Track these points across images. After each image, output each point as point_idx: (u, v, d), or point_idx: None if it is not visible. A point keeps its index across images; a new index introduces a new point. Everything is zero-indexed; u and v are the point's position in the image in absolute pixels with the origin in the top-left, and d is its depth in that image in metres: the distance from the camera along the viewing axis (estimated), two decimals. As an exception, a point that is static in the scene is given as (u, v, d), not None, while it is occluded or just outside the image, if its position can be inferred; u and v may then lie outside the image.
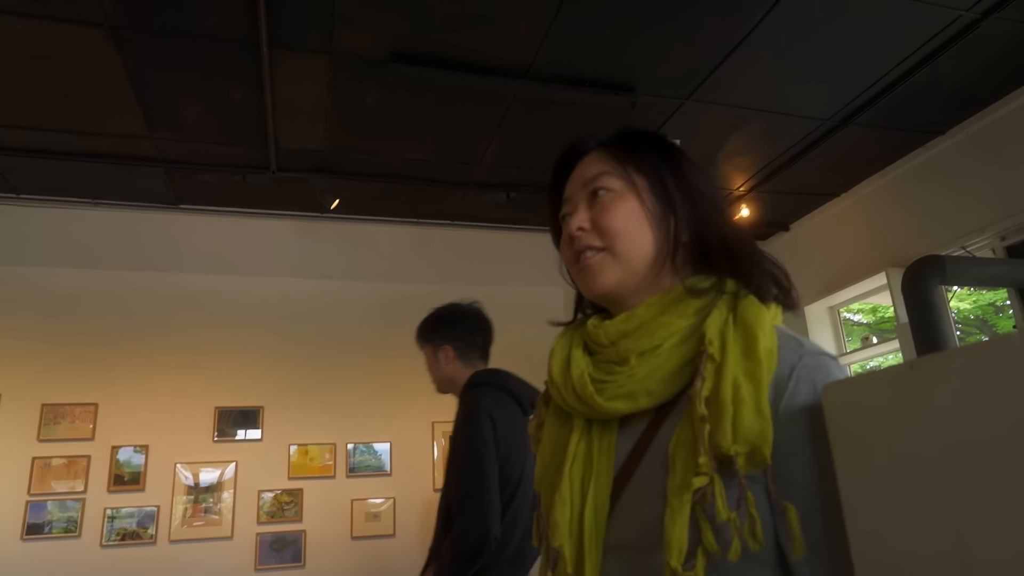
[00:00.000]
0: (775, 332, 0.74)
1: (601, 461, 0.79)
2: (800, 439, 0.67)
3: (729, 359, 0.71)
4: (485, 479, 2.00)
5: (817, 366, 0.71)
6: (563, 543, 0.78)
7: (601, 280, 0.84)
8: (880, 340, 4.13)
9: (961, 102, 3.25)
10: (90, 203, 3.94)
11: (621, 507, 0.76)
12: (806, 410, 0.68)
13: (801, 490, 0.66)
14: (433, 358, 2.41)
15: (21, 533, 3.85)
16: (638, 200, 0.85)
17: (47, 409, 4.06)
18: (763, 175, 3.89)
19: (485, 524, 1.93)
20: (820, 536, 0.65)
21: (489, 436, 2.08)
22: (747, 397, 0.68)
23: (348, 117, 3.23)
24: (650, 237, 0.83)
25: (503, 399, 2.26)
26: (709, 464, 0.68)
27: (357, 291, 4.80)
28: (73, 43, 2.64)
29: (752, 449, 0.67)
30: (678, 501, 0.68)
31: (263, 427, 4.39)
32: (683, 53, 2.83)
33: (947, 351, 0.50)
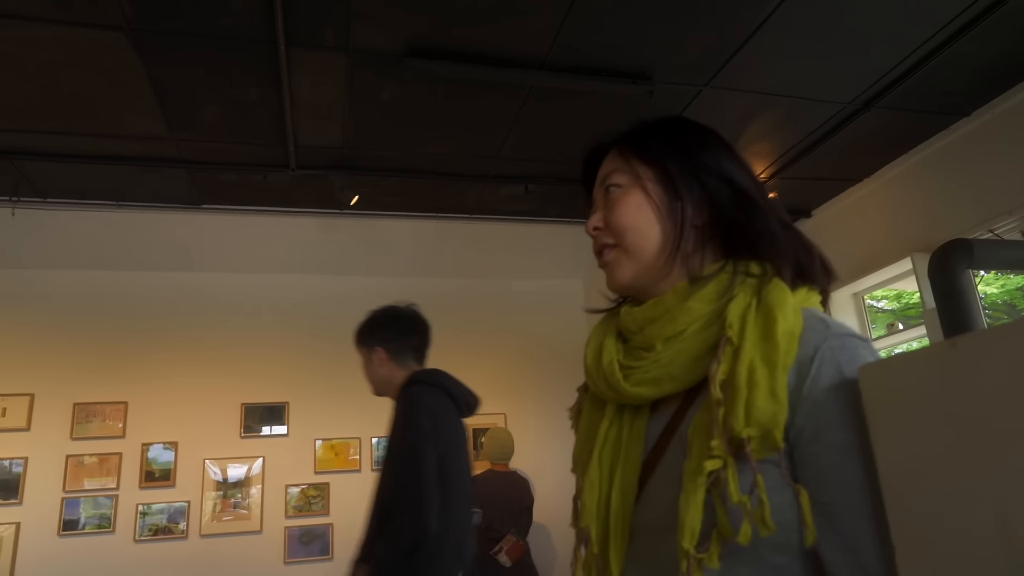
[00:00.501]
0: (799, 314, 0.72)
1: (630, 446, 0.80)
2: (825, 423, 0.66)
3: (747, 342, 0.70)
4: (424, 475, 2.00)
5: (843, 347, 0.69)
6: (590, 524, 0.80)
7: (618, 276, 0.86)
8: (906, 327, 4.08)
9: (986, 82, 3.19)
10: (114, 205, 4.00)
11: (648, 491, 0.77)
12: (830, 392, 0.67)
13: (825, 475, 0.66)
14: (367, 360, 2.41)
15: (58, 530, 3.94)
16: (643, 192, 0.85)
17: (79, 408, 4.15)
18: (784, 161, 3.84)
19: (424, 520, 1.92)
20: (847, 524, 0.64)
21: (428, 432, 2.08)
22: (761, 380, 0.68)
23: (365, 113, 3.24)
24: (657, 228, 0.83)
25: (441, 398, 2.26)
26: (722, 447, 0.67)
27: (378, 286, 4.82)
28: (94, 47, 2.68)
29: (764, 433, 0.67)
30: (692, 484, 0.69)
31: (289, 422, 4.45)
32: (701, 39, 2.80)
33: (988, 329, 0.49)
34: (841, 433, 0.65)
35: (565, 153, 3.73)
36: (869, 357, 0.69)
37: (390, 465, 2.11)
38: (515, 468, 4.25)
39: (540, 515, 4.35)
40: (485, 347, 4.92)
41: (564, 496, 4.47)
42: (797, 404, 0.68)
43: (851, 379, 0.66)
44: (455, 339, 4.89)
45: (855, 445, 0.64)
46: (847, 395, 0.66)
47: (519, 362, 4.93)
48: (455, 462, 2.14)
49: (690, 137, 0.89)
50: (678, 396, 0.79)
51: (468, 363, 4.88)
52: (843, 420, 0.65)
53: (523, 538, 3.94)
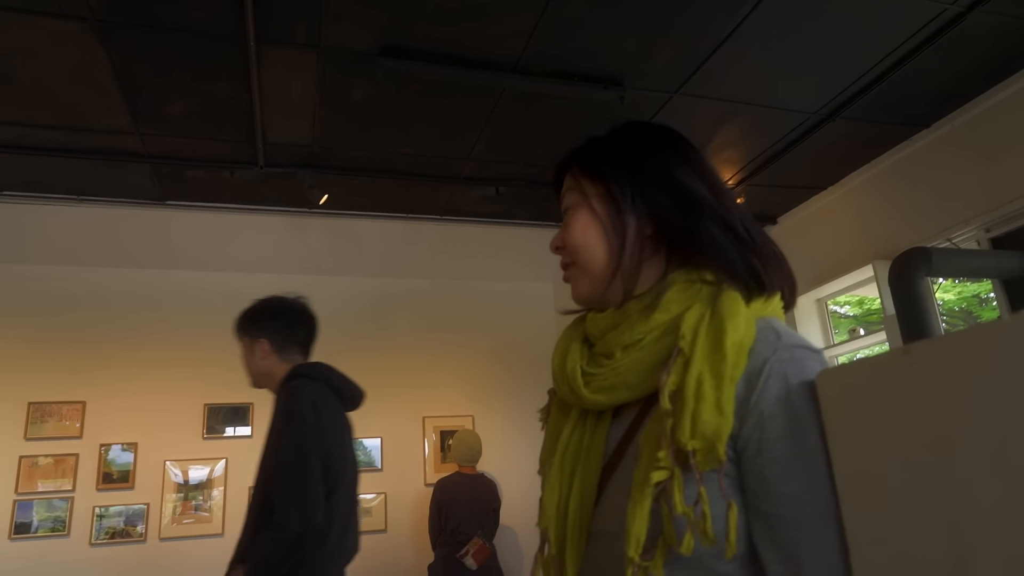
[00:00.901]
0: (752, 325, 0.73)
1: (590, 451, 0.81)
2: (770, 434, 0.67)
3: (697, 354, 0.71)
4: (308, 470, 1.93)
5: (792, 359, 0.69)
6: (549, 526, 0.81)
7: (576, 292, 0.89)
8: (867, 332, 4.17)
9: (947, 95, 3.28)
10: (75, 200, 3.90)
11: (605, 496, 0.78)
12: (777, 404, 0.67)
13: (768, 486, 0.66)
14: (249, 351, 2.28)
15: (9, 533, 3.82)
16: (590, 210, 0.86)
17: (34, 408, 4.04)
18: (751, 168, 3.91)
19: (308, 515, 1.87)
20: (788, 535, 0.64)
21: (312, 427, 2.01)
22: (708, 393, 0.68)
23: (336, 112, 3.22)
24: (604, 244, 0.84)
25: (325, 392, 2.18)
26: (668, 458, 0.68)
27: (346, 287, 4.79)
28: (56, 37, 2.61)
29: (708, 446, 0.67)
30: (640, 493, 0.70)
31: (253, 424, 4.38)
32: (672, 47, 2.84)
33: (940, 336, 0.51)
34: (786, 445, 0.66)
35: (537, 156, 3.74)
36: (819, 369, 0.69)
37: (271, 460, 2.01)
38: (483, 471, 4.25)
39: (507, 518, 4.35)
40: (454, 349, 4.91)
41: (532, 499, 4.45)
42: (745, 415, 0.68)
43: (798, 391, 0.66)
44: (423, 340, 4.88)
45: (799, 457, 0.65)
46: (793, 407, 0.66)
47: (488, 364, 4.93)
48: (339, 456, 2.07)
49: (636, 147, 0.89)
50: (639, 403, 0.79)
51: (437, 365, 4.88)
52: (788, 432, 0.66)
53: (490, 541, 3.94)
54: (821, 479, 0.63)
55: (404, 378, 4.75)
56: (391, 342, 4.79)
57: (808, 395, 0.66)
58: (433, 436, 4.69)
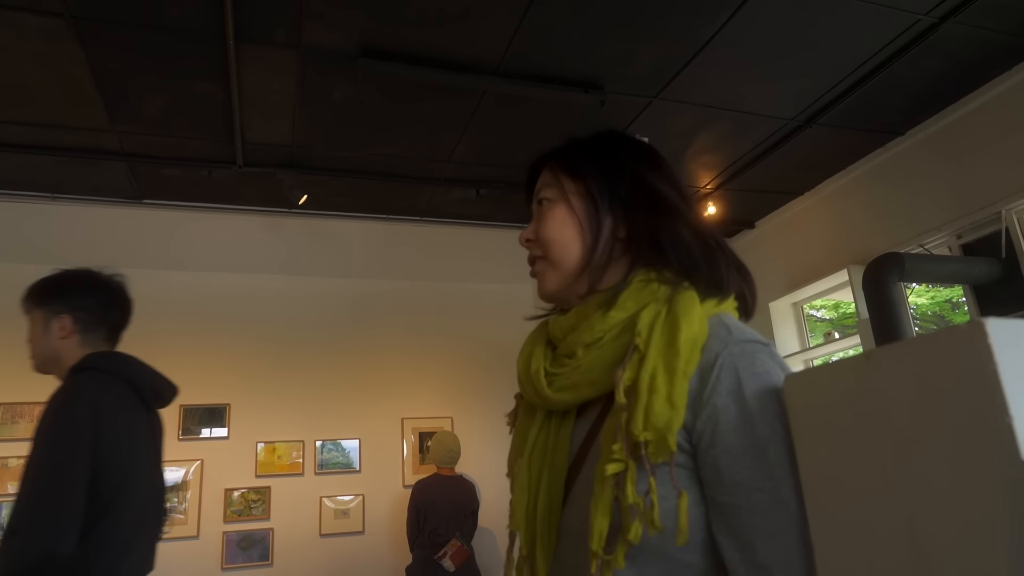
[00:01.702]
0: (705, 322, 0.75)
1: (556, 451, 0.83)
2: (722, 426, 0.69)
3: (652, 350, 0.73)
4: (61, 486, 1.56)
5: (743, 353, 0.72)
6: (519, 528, 0.83)
7: (543, 286, 0.91)
8: (842, 335, 4.23)
9: (920, 104, 3.35)
10: (49, 197, 3.84)
11: (573, 494, 0.79)
12: (729, 397, 0.69)
13: (722, 476, 0.68)
14: (43, 327, 1.85)
15: (-22, 536, 3.74)
16: (567, 207, 0.89)
17: (6, 408, 3.97)
18: (729, 173, 3.95)
19: (47, 542, 1.50)
20: (742, 522, 0.67)
21: (85, 431, 1.62)
22: (661, 387, 0.70)
23: (316, 112, 3.20)
24: (579, 241, 0.87)
25: (119, 389, 1.83)
26: (622, 451, 0.70)
27: (325, 288, 4.77)
28: (31, 33, 2.58)
29: (659, 437, 0.69)
30: (600, 487, 0.72)
31: (230, 425, 4.34)
32: (651, 52, 2.86)
33: (900, 342, 0.52)
34: (737, 436, 0.68)
35: (517, 159, 3.75)
36: (769, 362, 0.72)
37: (26, 469, 1.60)
38: (461, 472, 4.24)
39: (485, 519, 4.35)
40: (433, 350, 4.90)
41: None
42: (699, 409, 0.71)
43: (749, 383, 0.69)
44: (403, 342, 4.87)
45: (751, 447, 0.67)
46: (744, 399, 0.69)
47: (467, 366, 4.93)
48: (124, 468, 1.70)
49: (616, 151, 0.92)
50: (601, 401, 0.81)
51: (416, 366, 4.87)
52: (740, 424, 0.68)
53: (468, 542, 3.94)
54: (772, 468, 0.66)
55: (383, 379, 4.74)
56: (370, 343, 4.78)
57: (758, 387, 0.69)
58: (412, 438, 4.69)
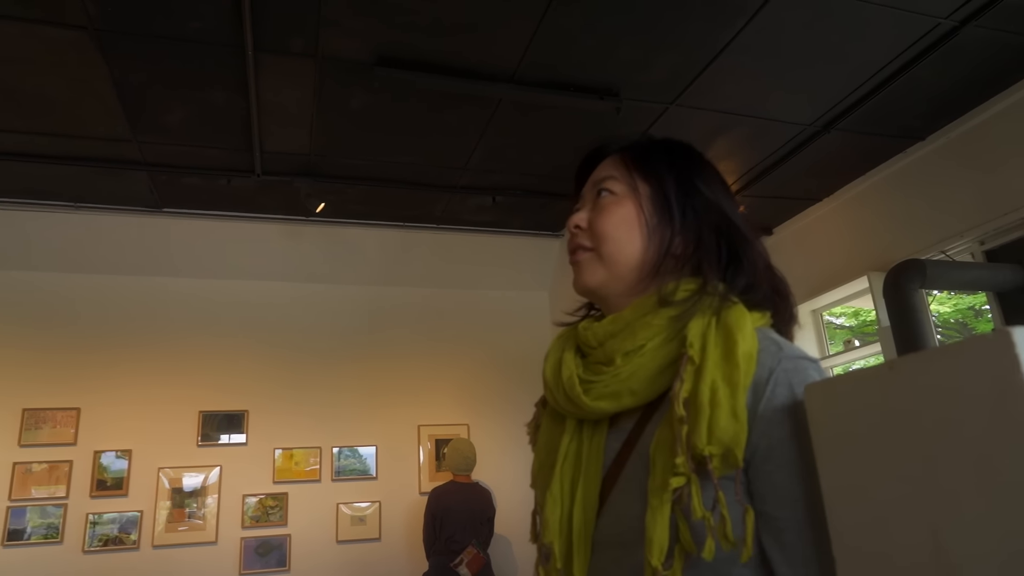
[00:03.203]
0: (756, 336, 0.75)
1: (590, 461, 0.81)
2: (777, 442, 0.69)
3: (709, 362, 0.72)
4: None
5: (796, 369, 0.72)
6: (553, 540, 0.81)
7: (585, 279, 0.87)
8: (862, 343, 4.18)
9: (941, 108, 3.31)
10: (72, 207, 3.91)
11: (609, 505, 0.78)
12: (783, 412, 0.70)
13: (776, 491, 0.68)
14: None
15: (2, 539, 3.81)
16: (636, 207, 0.86)
17: (28, 414, 4.03)
18: (746, 180, 3.92)
19: None
20: (793, 538, 0.66)
21: None
22: (724, 400, 0.70)
23: (333, 121, 3.23)
24: (640, 245, 0.84)
25: None
26: (686, 464, 0.69)
27: (342, 295, 4.80)
28: (56, 46, 2.62)
29: (726, 451, 0.69)
30: (658, 500, 0.70)
31: (248, 431, 4.37)
32: (668, 58, 2.86)
33: (925, 351, 0.51)
34: (792, 452, 0.68)
35: (533, 166, 3.75)
36: (818, 378, 0.72)
37: None
38: (477, 479, 4.24)
39: (501, 527, 4.34)
40: (450, 357, 4.91)
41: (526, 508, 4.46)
42: (753, 423, 0.70)
43: (802, 400, 0.68)
44: (420, 349, 4.88)
45: (804, 463, 0.67)
46: (798, 415, 0.68)
47: (484, 373, 4.93)
48: None
49: (691, 163, 0.90)
50: (637, 410, 0.80)
51: (432, 373, 4.88)
52: (794, 439, 0.68)
53: (484, 550, 3.93)
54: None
55: (400, 386, 4.75)
56: (387, 350, 4.79)
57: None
58: (428, 444, 4.69)
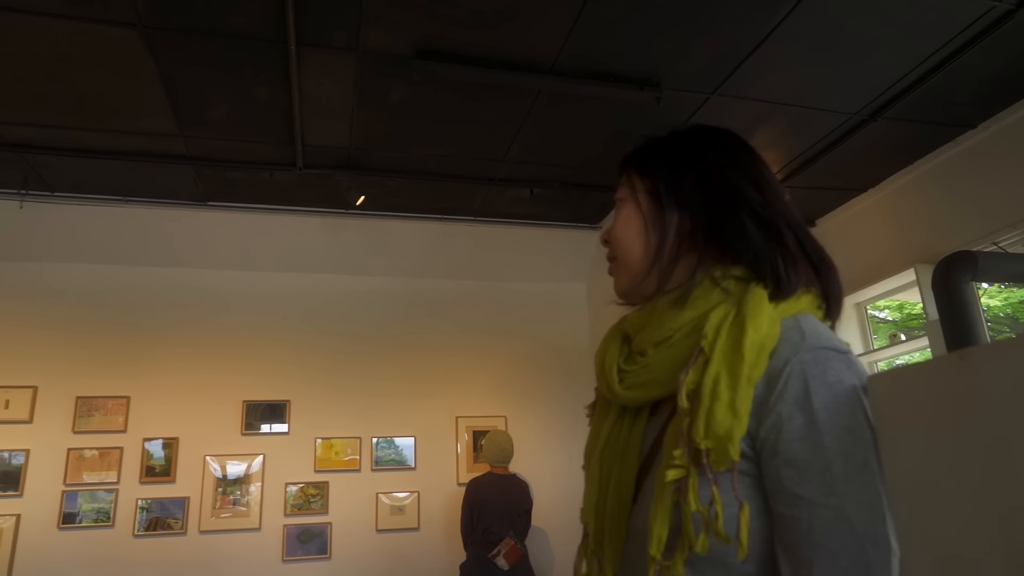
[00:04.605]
0: (776, 325, 0.72)
1: (628, 447, 0.82)
2: (786, 437, 0.67)
3: (716, 353, 0.71)
4: None
5: (815, 361, 0.69)
6: (589, 521, 0.83)
7: (615, 286, 0.91)
8: (908, 337, 4.08)
9: (993, 95, 3.20)
10: (121, 200, 4.02)
11: (642, 493, 0.78)
12: (795, 406, 0.66)
13: (783, 488, 0.66)
14: None
15: (57, 522, 3.95)
16: (635, 205, 0.88)
17: (81, 402, 4.16)
18: (789, 170, 3.85)
19: None
20: (799, 538, 0.64)
21: None
22: (723, 393, 0.68)
23: (373, 114, 3.26)
24: (642, 239, 0.86)
25: None
26: (683, 457, 0.69)
27: (382, 286, 4.85)
28: (106, 44, 2.69)
29: (720, 446, 0.67)
30: (660, 492, 0.71)
31: (290, 421, 4.46)
32: (709, 47, 2.82)
33: (997, 342, 0.50)
34: (802, 447, 0.66)
35: (571, 158, 3.74)
36: (843, 371, 0.68)
37: None
38: (514, 471, 4.26)
39: (539, 519, 4.35)
40: (487, 349, 4.93)
41: (563, 500, 4.46)
42: (764, 416, 0.68)
43: (818, 393, 0.66)
44: (458, 340, 4.91)
45: (816, 461, 0.64)
46: (812, 409, 0.66)
47: (521, 365, 4.94)
48: None
49: (688, 145, 0.90)
50: (673, 400, 0.79)
51: (470, 364, 4.90)
52: (805, 435, 0.66)
53: (521, 541, 3.94)
54: (837, 483, 0.63)
55: (438, 377, 4.79)
56: (425, 341, 4.83)
57: (828, 397, 0.66)
58: (465, 436, 4.72)
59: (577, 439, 4.79)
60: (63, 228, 4.14)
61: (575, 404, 4.88)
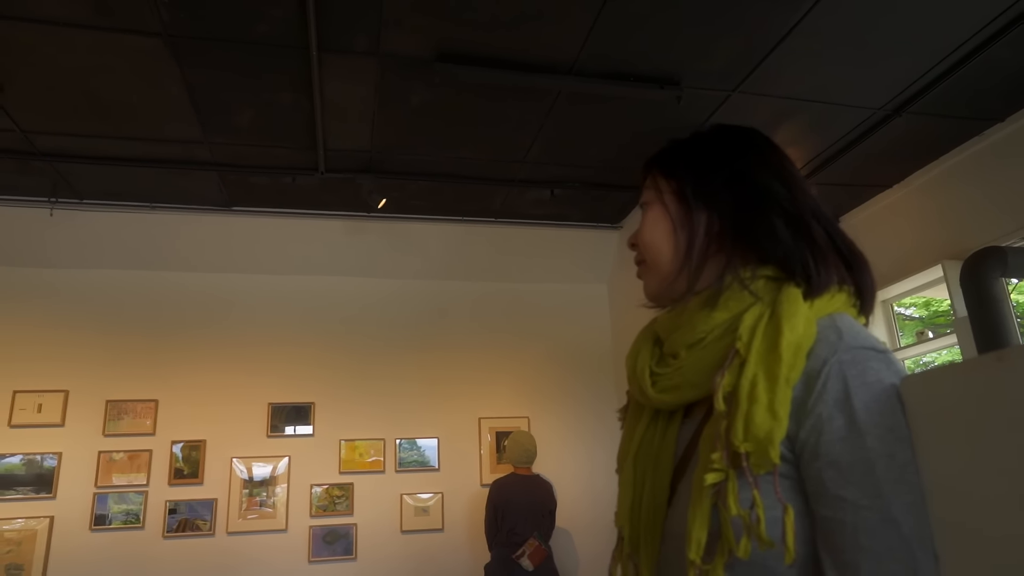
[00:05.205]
0: (812, 325, 0.71)
1: (662, 450, 0.81)
2: (827, 438, 0.66)
3: (753, 355, 0.70)
4: None
5: (853, 361, 0.68)
6: (623, 524, 0.82)
7: (645, 290, 0.90)
8: (935, 335, 4.02)
9: (1020, 88, 3.14)
10: (148, 207, 4.08)
11: (678, 496, 0.78)
12: (835, 407, 0.65)
13: (825, 490, 0.65)
14: None
15: (89, 524, 4.02)
16: (662, 207, 0.87)
17: (111, 405, 4.23)
18: (812, 167, 3.81)
19: None
20: (844, 541, 0.63)
21: None
22: (762, 395, 0.68)
23: (394, 117, 3.28)
24: (671, 241, 0.85)
25: None
26: (722, 460, 0.68)
27: (404, 289, 4.87)
28: (132, 53, 2.74)
29: (760, 448, 0.67)
30: (699, 495, 0.70)
31: (314, 423, 4.50)
32: (730, 45, 2.80)
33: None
34: (844, 448, 0.65)
35: (592, 158, 3.73)
36: (883, 371, 0.67)
37: None
38: (538, 472, 4.26)
39: (563, 520, 4.35)
40: (510, 350, 4.93)
41: (587, 501, 4.45)
42: (803, 418, 0.68)
43: (858, 393, 0.65)
44: (480, 342, 4.92)
45: (859, 462, 0.64)
46: (852, 410, 0.65)
47: (543, 366, 4.94)
48: None
49: (713, 145, 0.90)
50: (707, 402, 0.79)
51: (492, 366, 4.91)
52: (846, 436, 0.65)
53: (545, 542, 3.94)
54: (881, 484, 0.62)
55: (460, 379, 4.80)
56: (448, 343, 4.85)
57: (868, 397, 0.65)
58: (488, 437, 4.73)
59: (600, 440, 4.78)
60: (91, 235, 4.22)
61: (598, 404, 4.88)
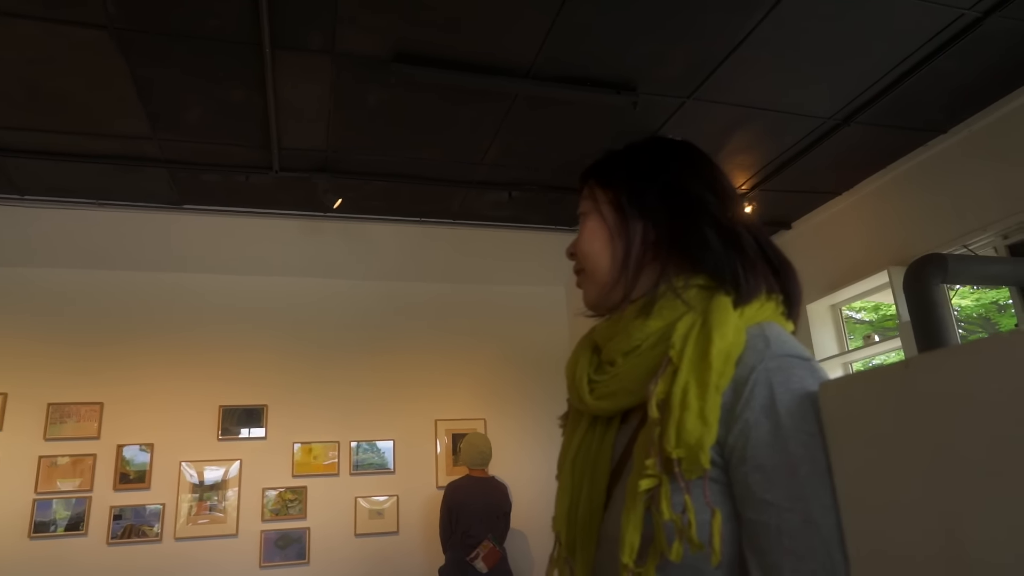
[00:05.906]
0: (741, 333, 0.73)
1: (599, 456, 0.83)
2: (753, 443, 0.68)
3: (685, 363, 0.72)
4: None
5: (779, 368, 0.70)
6: (560, 529, 0.84)
7: (584, 298, 0.92)
8: (882, 338, 4.14)
9: (963, 101, 3.25)
10: (95, 204, 3.96)
11: (613, 501, 0.79)
12: (761, 413, 0.67)
13: (751, 494, 0.67)
14: None
15: (28, 531, 3.88)
16: (599, 217, 0.89)
17: (53, 408, 4.10)
18: (765, 173, 3.89)
19: None
20: (767, 543, 0.65)
21: None
22: (693, 402, 0.69)
23: (350, 117, 3.24)
24: (608, 250, 0.87)
25: None
26: (655, 466, 0.70)
27: (360, 290, 4.83)
28: (77, 45, 2.65)
29: (691, 454, 0.68)
30: (633, 500, 0.71)
31: (267, 425, 4.42)
32: (685, 52, 2.84)
33: (941, 350, 0.51)
34: (769, 453, 0.67)
35: (549, 161, 3.75)
36: (807, 378, 0.69)
37: None
38: (493, 474, 4.25)
39: (517, 521, 4.35)
40: (467, 352, 4.92)
41: (542, 503, 4.46)
42: (731, 423, 0.69)
43: (783, 400, 0.67)
44: (437, 344, 4.90)
45: (783, 466, 0.65)
46: (778, 416, 0.67)
47: (500, 368, 4.94)
48: None
49: (647, 156, 0.91)
50: (643, 408, 0.80)
51: (449, 368, 4.90)
52: (772, 440, 0.67)
53: (500, 544, 3.94)
54: (804, 487, 0.64)
55: (417, 381, 4.78)
56: (404, 345, 4.82)
57: (793, 403, 0.67)
58: (445, 439, 4.71)
59: (556, 442, 4.75)
60: (34, 232, 4.08)
61: (554, 406, 4.87)
